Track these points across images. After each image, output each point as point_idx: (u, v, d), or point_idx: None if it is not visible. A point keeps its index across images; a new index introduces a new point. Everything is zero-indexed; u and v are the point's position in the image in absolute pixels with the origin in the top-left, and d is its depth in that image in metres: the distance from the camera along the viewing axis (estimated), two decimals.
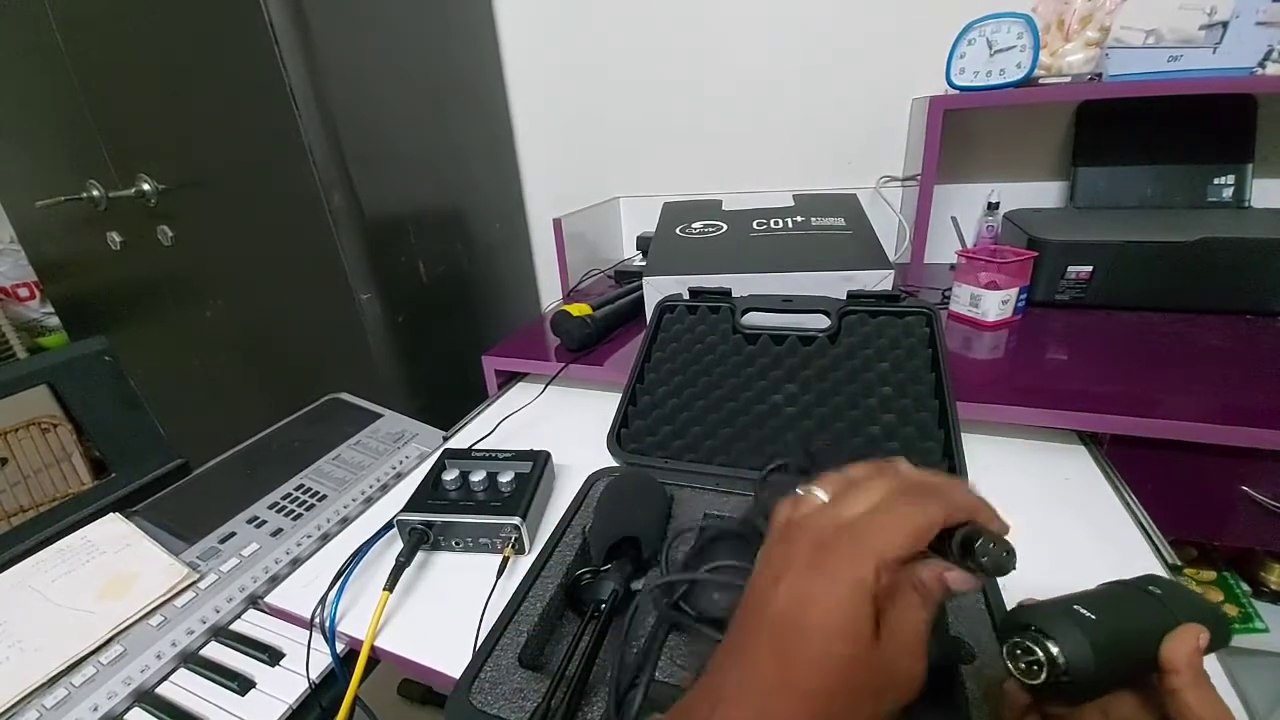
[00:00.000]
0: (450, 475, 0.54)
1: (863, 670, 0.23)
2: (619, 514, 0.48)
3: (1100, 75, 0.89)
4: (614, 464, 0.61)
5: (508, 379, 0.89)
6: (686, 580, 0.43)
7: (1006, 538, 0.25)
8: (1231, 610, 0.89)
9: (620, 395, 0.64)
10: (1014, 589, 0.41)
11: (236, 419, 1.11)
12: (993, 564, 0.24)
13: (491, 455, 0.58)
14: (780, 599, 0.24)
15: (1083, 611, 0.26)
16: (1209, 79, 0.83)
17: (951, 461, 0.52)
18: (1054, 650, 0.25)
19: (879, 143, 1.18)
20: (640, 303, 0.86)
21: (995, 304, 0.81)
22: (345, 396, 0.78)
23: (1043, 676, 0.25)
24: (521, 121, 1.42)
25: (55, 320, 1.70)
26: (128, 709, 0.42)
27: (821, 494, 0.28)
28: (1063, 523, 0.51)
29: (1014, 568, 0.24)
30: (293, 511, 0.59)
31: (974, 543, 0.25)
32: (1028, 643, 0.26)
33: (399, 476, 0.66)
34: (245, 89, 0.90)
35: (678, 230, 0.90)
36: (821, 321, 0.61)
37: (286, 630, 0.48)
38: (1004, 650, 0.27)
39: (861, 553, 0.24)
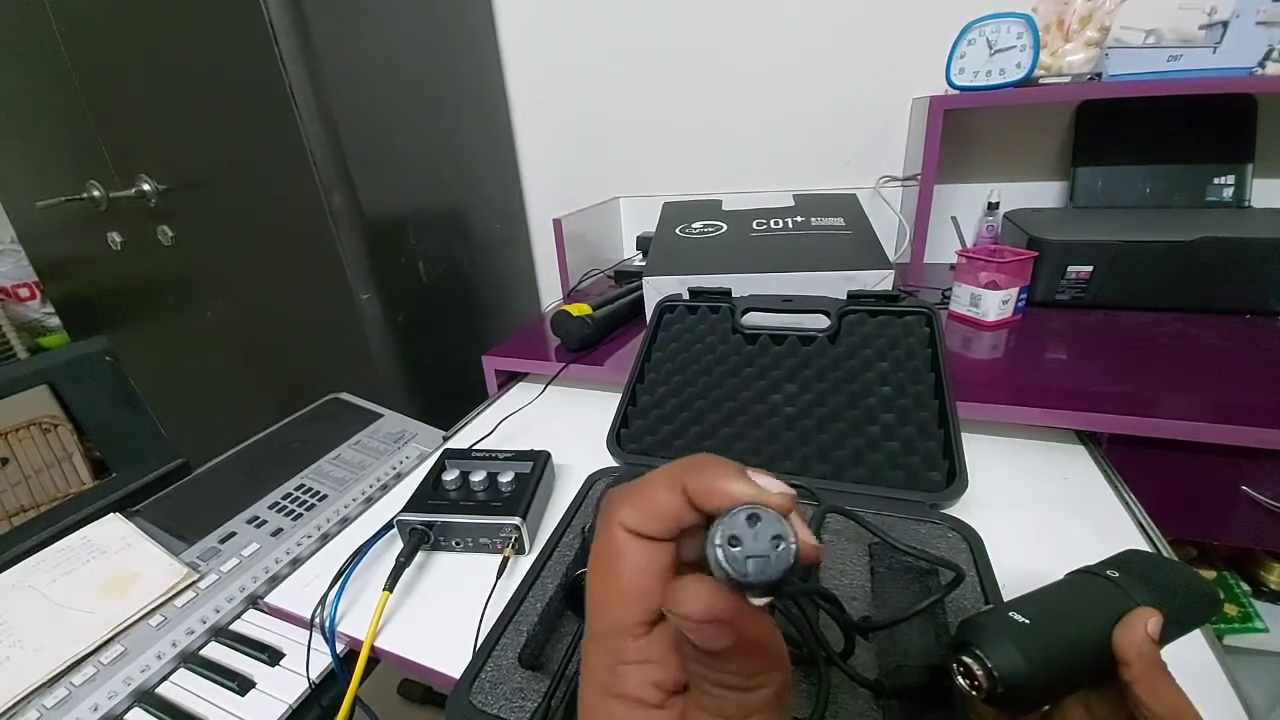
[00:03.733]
0: (450, 475, 0.54)
1: None
2: None
3: (1100, 75, 0.89)
4: (614, 464, 0.61)
5: (508, 379, 0.89)
6: None
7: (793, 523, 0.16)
8: (1231, 610, 0.89)
9: (620, 395, 0.64)
10: (1013, 588, 0.41)
11: (236, 419, 1.11)
12: (737, 562, 0.15)
13: (491, 455, 0.58)
14: None
15: (1017, 618, 0.25)
16: (1209, 79, 0.83)
17: (951, 461, 0.52)
18: (989, 664, 0.24)
19: (879, 143, 1.18)
20: (640, 303, 0.86)
21: (995, 304, 0.81)
22: (345, 396, 0.79)
23: (985, 692, 0.24)
24: (522, 122, 1.42)
25: (56, 320, 1.70)
26: (128, 709, 0.42)
27: None
28: (1062, 522, 0.51)
29: (784, 568, 0.15)
30: (293, 511, 0.59)
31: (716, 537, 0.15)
32: (965, 659, 0.25)
33: (399, 476, 0.66)
34: (245, 90, 0.90)
35: (678, 230, 0.90)
36: (821, 321, 0.61)
37: (286, 630, 0.48)
38: (952, 671, 0.26)
39: (586, 695, 0.18)
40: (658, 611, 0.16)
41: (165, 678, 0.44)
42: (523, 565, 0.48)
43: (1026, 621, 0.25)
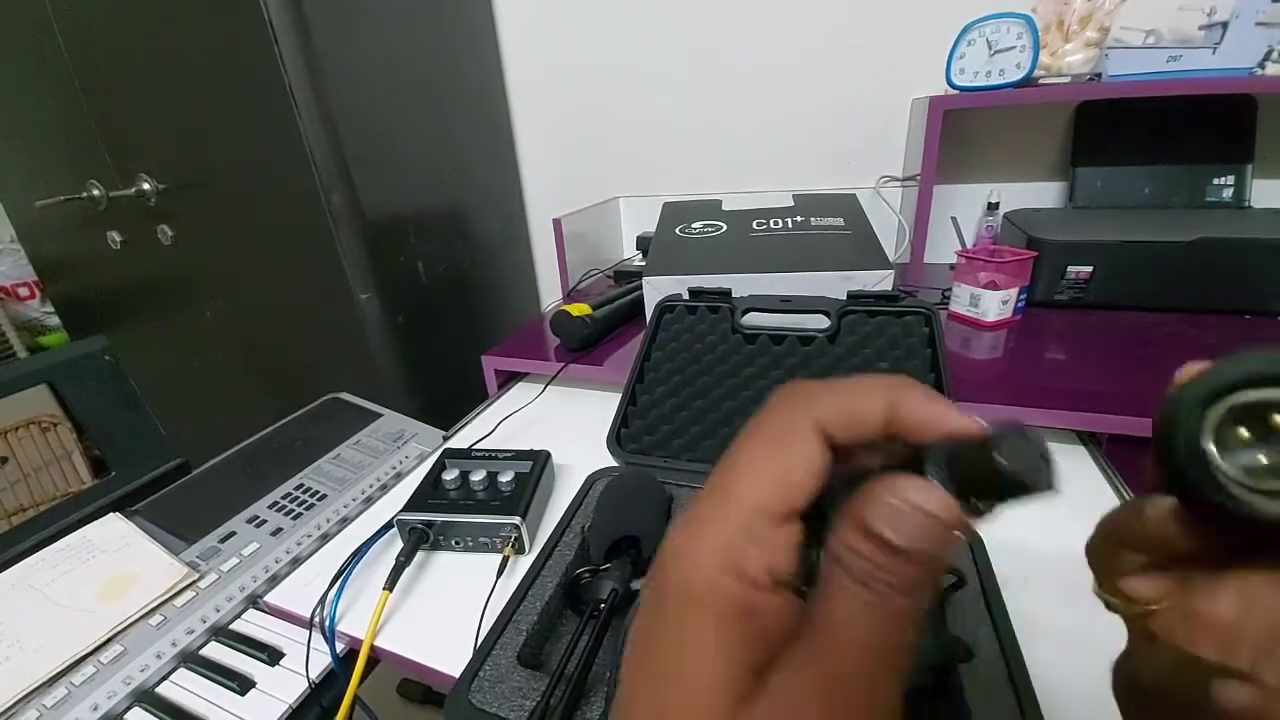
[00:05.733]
0: (450, 475, 0.54)
1: None
2: (619, 513, 0.48)
3: (1100, 75, 0.89)
4: (614, 464, 0.61)
5: (508, 379, 0.89)
6: None
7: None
8: None
9: (620, 395, 0.64)
10: (1014, 589, 0.41)
11: (236, 419, 1.11)
12: (1017, 471, 0.14)
13: (491, 455, 0.58)
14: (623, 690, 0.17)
15: None
16: (1209, 79, 0.83)
17: None
18: None
19: (879, 143, 1.18)
20: (640, 303, 0.86)
21: (995, 304, 0.81)
22: (345, 396, 0.79)
23: None
24: (522, 121, 1.42)
25: (55, 320, 1.70)
26: (128, 708, 0.42)
27: None
28: (1062, 522, 0.51)
29: (1050, 485, 0.15)
30: (293, 511, 0.59)
31: (988, 449, 0.15)
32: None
33: (399, 476, 0.66)
34: (245, 89, 0.90)
35: (677, 230, 0.90)
36: (821, 322, 0.62)
37: (286, 630, 0.48)
38: (1204, 425, 0.15)
39: (699, 536, 0.16)
40: (797, 511, 0.16)
41: (165, 677, 0.44)
42: (522, 565, 0.48)
43: None
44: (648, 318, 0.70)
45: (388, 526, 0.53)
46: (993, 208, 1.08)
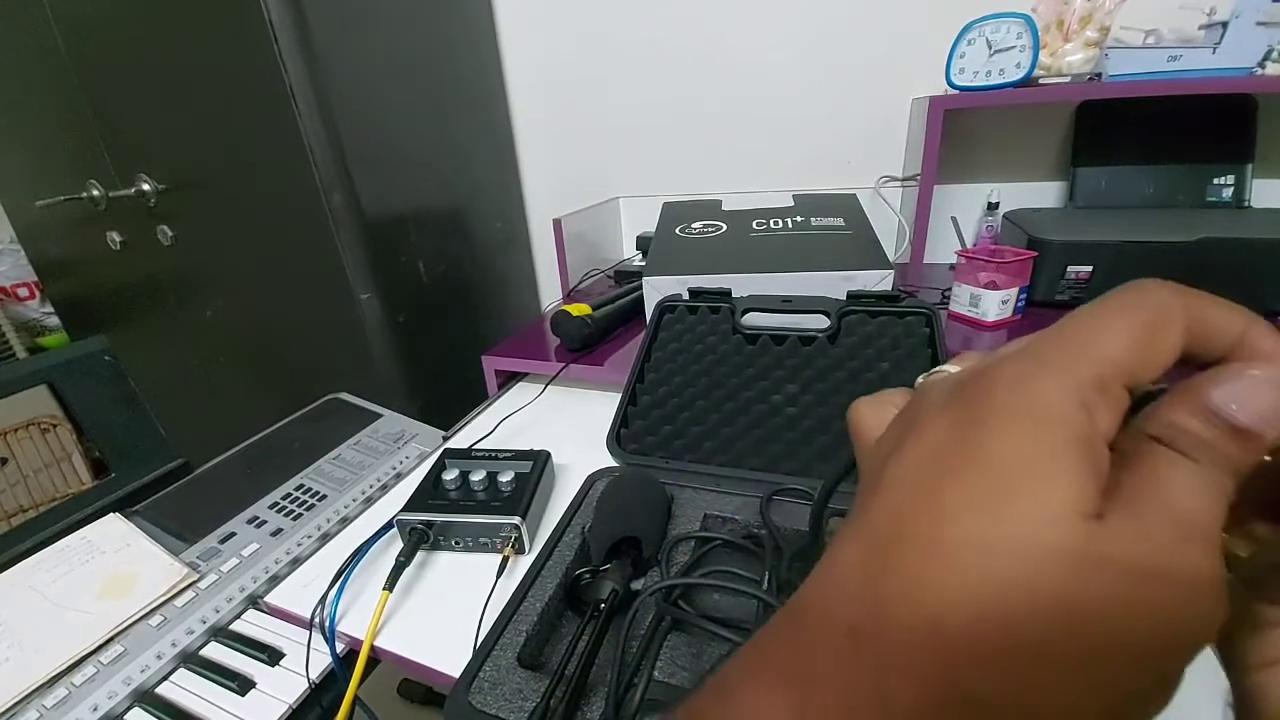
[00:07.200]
0: (450, 475, 0.54)
1: (1088, 586, 0.13)
2: (619, 514, 0.48)
3: (1100, 75, 0.89)
4: (614, 464, 0.61)
5: (508, 379, 0.89)
6: (687, 585, 0.43)
7: None
8: None
9: (620, 395, 0.64)
10: None
11: (236, 419, 1.11)
12: None
13: (491, 455, 0.58)
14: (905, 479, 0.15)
15: None
16: (1209, 79, 0.83)
17: None
18: None
19: (879, 143, 1.18)
20: (640, 303, 0.86)
21: (995, 304, 0.81)
22: (345, 396, 0.79)
23: None
24: (522, 121, 1.42)
25: (55, 320, 1.70)
26: (128, 709, 0.42)
27: (952, 367, 0.19)
28: None
29: None
30: (293, 511, 0.59)
31: None
32: None
33: (399, 476, 0.66)
34: (245, 89, 0.90)
35: (677, 230, 0.90)
36: (821, 322, 0.61)
37: (286, 630, 0.48)
38: None
39: (1047, 369, 0.15)
40: (1136, 387, 0.15)
41: (165, 678, 0.44)
42: (522, 565, 0.48)
43: None
44: (648, 318, 0.70)
45: (388, 526, 0.53)
46: (993, 208, 1.08)
